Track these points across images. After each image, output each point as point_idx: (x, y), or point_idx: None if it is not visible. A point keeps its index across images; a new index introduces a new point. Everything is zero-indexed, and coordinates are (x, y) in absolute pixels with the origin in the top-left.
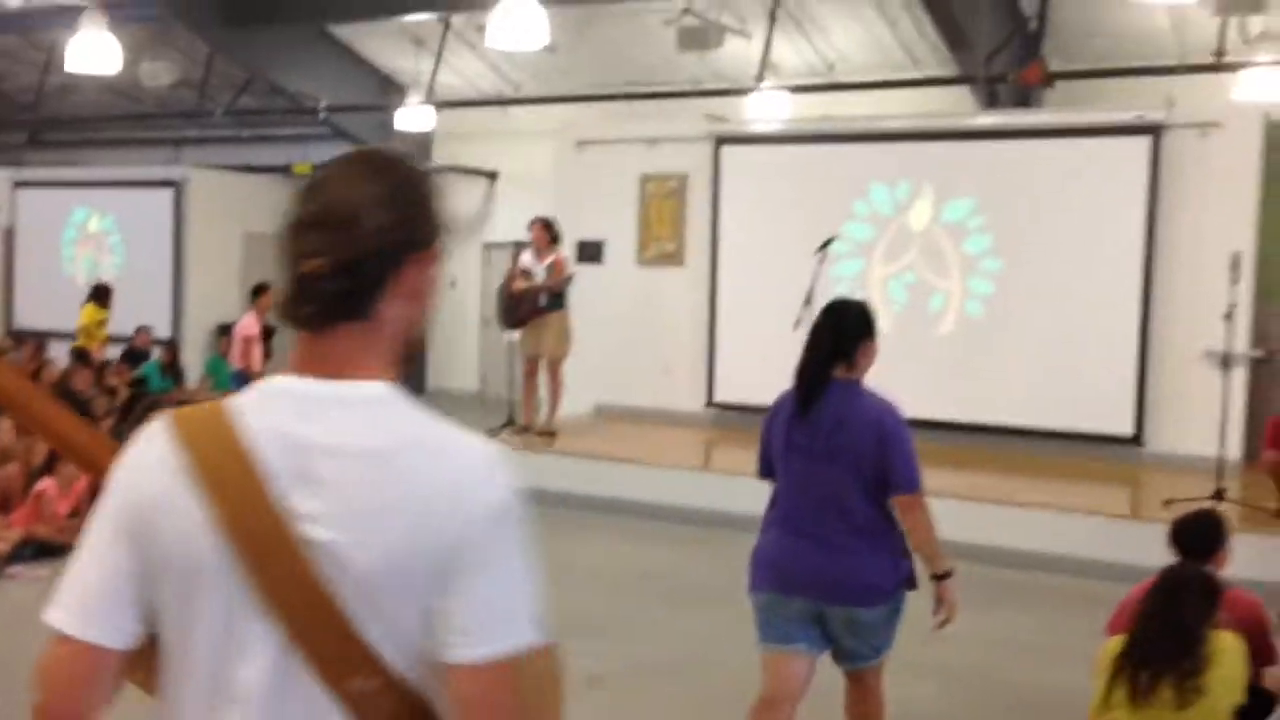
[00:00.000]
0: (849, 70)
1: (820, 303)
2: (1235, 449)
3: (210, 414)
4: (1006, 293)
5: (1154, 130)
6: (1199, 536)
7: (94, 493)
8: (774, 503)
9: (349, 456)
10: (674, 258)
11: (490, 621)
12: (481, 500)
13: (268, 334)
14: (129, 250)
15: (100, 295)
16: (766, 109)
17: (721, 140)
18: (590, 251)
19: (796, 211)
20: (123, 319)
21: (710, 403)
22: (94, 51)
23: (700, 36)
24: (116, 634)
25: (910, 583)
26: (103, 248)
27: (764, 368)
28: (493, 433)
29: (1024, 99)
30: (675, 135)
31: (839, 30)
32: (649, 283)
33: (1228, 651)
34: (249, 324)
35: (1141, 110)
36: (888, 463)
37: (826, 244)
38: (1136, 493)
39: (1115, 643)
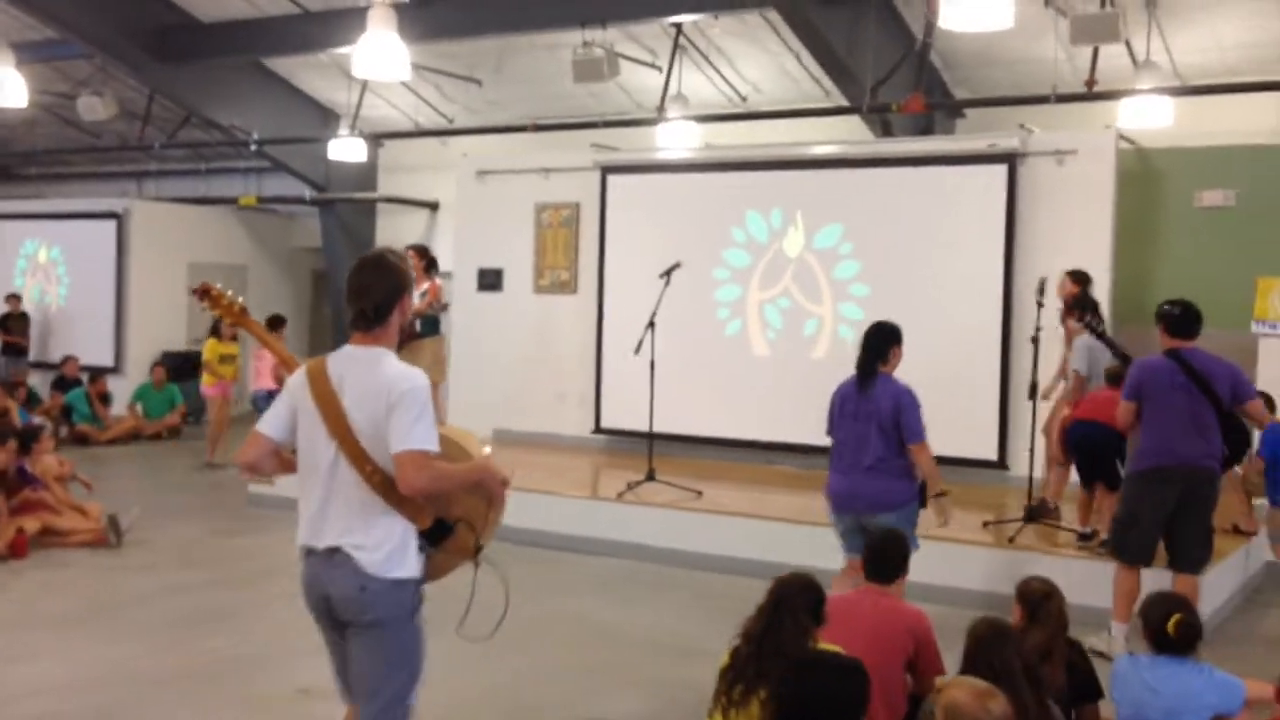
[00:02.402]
0: (762, 102)
1: (661, 326)
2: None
3: (319, 361)
4: (875, 318)
5: (1009, 158)
6: (882, 557)
7: None
8: (834, 451)
9: (358, 376)
10: (568, 285)
11: (403, 435)
12: (399, 389)
13: None
14: (74, 280)
15: (217, 329)
16: (672, 139)
17: (607, 170)
18: (489, 279)
19: (678, 239)
20: (69, 348)
21: (598, 429)
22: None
23: (595, 68)
24: (274, 432)
25: (920, 501)
26: (51, 278)
27: (646, 393)
28: None
29: (927, 128)
30: (567, 165)
31: (749, 63)
32: (545, 310)
33: None
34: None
35: (995, 138)
36: (902, 424)
37: (670, 270)
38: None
39: (725, 655)
